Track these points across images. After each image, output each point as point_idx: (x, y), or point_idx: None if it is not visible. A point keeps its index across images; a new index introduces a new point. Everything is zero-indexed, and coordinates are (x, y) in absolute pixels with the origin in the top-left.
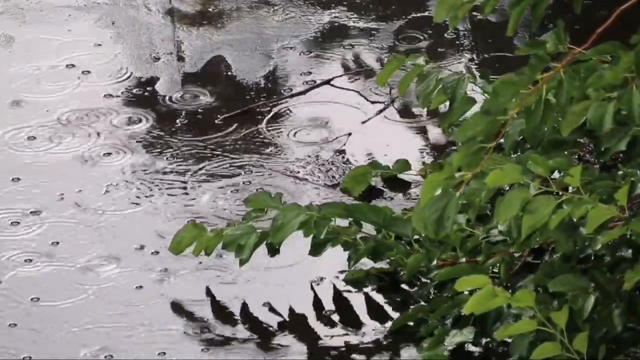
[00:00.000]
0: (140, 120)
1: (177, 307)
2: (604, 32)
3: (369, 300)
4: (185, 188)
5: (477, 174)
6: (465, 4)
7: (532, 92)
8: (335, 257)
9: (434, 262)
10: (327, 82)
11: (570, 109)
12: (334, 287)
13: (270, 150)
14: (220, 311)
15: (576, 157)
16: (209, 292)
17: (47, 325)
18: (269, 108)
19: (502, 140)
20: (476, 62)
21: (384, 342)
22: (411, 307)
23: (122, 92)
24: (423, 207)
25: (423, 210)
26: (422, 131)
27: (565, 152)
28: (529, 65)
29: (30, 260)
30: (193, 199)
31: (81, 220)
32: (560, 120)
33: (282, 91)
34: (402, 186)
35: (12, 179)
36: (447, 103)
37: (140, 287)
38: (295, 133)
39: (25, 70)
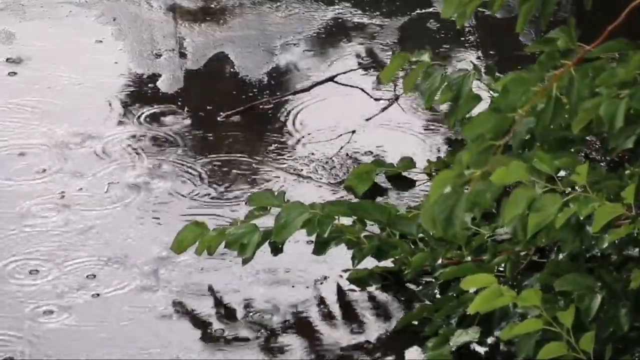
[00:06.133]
0: (141, 119)
1: (179, 306)
2: (613, 30)
3: (373, 299)
4: (187, 190)
5: (485, 173)
6: (474, 1)
7: (542, 90)
8: (339, 256)
9: (439, 261)
10: (331, 78)
11: (581, 106)
12: (338, 286)
13: (273, 148)
14: (223, 310)
15: (582, 155)
16: (211, 291)
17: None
18: (271, 105)
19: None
20: (482, 58)
21: (388, 342)
22: (416, 306)
23: (123, 90)
24: (431, 204)
25: (432, 208)
26: (427, 128)
27: (572, 150)
28: (539, 63)
29: None
30: (194, 199)
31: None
32: (567, 117)
33: (285, 88)
34: (407, 184)
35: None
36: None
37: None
38: (298, 131)
39: (25, 68)
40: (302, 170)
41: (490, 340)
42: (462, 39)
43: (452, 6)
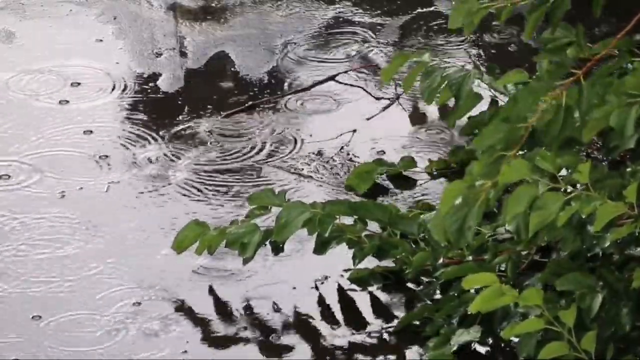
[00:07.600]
0: (142, 118)
1: (180, 307)
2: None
3: (373, 299)
4: (188, 189)
5: (496, 184)
6: (481, 10)
7: (551, 100)
8: (340, 256)
9: (440, 261)
10: (332, 78)
11: (591, 115)
12: (339, 285)
13: (274, 147)
14: (224, 310)
15: (584, 154)
16: (211, 291)
17: None
18: (272, 104)
19: None
20: (482, 57)
21: (389, 342)
22: (417, 306)
23: (123, 89)
24: (443, 216)
25: (443, 220)
26: (428, 127)
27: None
28: (548, 72)
29: None
30: (194, 199)
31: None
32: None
33: (285, 87)
34: (408, 183)
35: None
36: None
37: (142, 285)
38: (299, 130)
39: (25, 67)
40: (302, 169)
41: (491, 339)
42: (464, 37)
43: (459, 16)
